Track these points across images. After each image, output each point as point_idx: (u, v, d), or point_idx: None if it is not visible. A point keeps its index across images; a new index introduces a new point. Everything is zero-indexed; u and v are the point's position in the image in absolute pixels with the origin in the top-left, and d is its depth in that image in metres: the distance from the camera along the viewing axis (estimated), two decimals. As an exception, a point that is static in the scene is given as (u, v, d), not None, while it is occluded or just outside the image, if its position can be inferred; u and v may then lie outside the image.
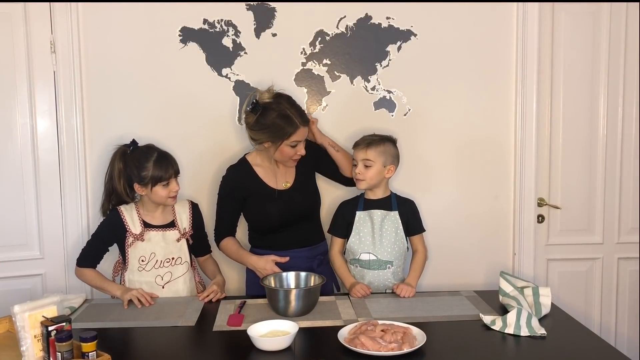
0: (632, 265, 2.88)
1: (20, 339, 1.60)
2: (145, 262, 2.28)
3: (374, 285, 2.35)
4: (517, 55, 2.69)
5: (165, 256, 2.30)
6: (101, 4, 2.53)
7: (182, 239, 2.33)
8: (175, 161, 2.30)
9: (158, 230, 2.30)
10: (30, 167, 2.54)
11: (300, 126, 2.27)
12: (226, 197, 2.41)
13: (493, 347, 1.79)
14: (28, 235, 2.57)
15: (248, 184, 2.39)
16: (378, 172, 2.33)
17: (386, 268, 2.34)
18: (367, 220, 2.37)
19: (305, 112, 2.36)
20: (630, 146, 2.82)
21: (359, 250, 2.35)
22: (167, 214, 2.35)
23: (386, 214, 2.37)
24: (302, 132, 2.29)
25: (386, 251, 2.34)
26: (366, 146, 2.32)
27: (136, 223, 2.29)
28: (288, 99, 2.31)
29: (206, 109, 2.62)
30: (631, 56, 2.77)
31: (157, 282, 2.28)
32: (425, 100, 2.70)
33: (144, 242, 2.28)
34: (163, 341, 1.88)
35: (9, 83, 2.49)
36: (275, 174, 2.40)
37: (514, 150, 2.75)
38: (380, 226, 2.35)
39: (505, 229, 2.80)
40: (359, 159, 2.34)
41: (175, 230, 2.33)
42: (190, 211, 2.38)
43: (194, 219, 2.38)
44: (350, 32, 2.64)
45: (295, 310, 2.00)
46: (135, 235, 2.28)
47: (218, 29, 2.59)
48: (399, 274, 2.39)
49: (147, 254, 2.28)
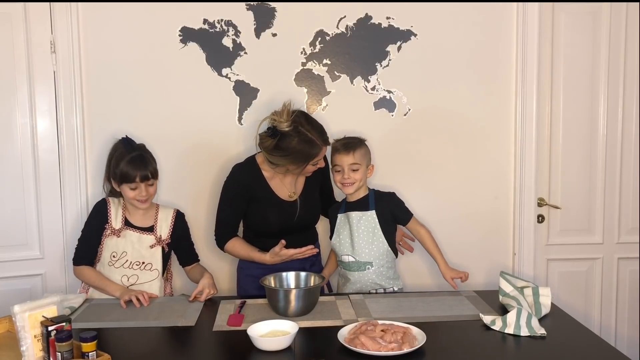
0: (632, 265, 2.88)
1: (20, 339, 1.60)
2: (115, 258, 2.27)
3: (358, 286, 2.35)
4: (517, 55, 2.69)
5: (136, 258, 2.27)
6: (101, 4, 2.53)
7: (156, 246, 2.30)
8: (151, 165, 2.25)
9: (135, 231, 2.29)
10: (30, 167, 2.54)
11: (323, 147, 2.24)
12: (232, 197, 2.34)
13: (493, 347, 1.79)
14: (28, 235, 2.57)
15: (255, 186, 2.33)
16: (364, 174, 2.34)
17: (366, 269, 2.33)
18: (345, 223, 2.37)
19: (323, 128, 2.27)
20: (630, 146, 2.83)
21: (340, 252, 2.37)
22: (149, 218, 2.33)
23: (362, 215, 2.34)
24: (325, 150, 2.27)
25: (364, 252, 2.32)
26: (352, 150, 2.30)
27: (118, 218, 2.30)
28: (307, 119, 2.23)
29: (206, 109, 2.62)
30: (631, 56, 2.77)
31: (123, 281, 2.26)
32: (425, 100, 2.70)
33: (119, 238, 2.27)
34: (163, 341, 1.88)
35: (9, 83, 2.49)
36: (283, 182, 2.36)
37: (514, 150, 2.75)
38: (357, 227, 2.34)
39: (505, 229, 2.80)
40: (344, 164, 2.30)
41: (152, 235, 2.31)
42: (173, 220, 2.35)
43: (174, 229, 2.35)
44: (350, 32, 2.64)
45: (295, 310, 2.00)
46: (114, 229, 2.28)
47: (218, 29, 2.59)
48: (384, 273, 2.35)
49: (119, 250, 2.27)
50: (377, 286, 2.35)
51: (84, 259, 2.30)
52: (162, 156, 2.57)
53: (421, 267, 2.68)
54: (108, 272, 2.28)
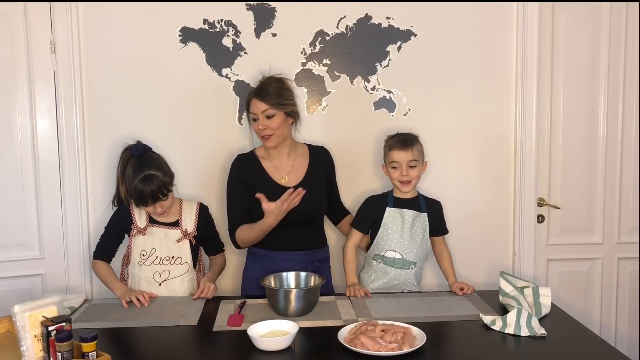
0: (632, 265, 2.88)
1: (20, 339, 1.60)
2: (145, 256, 2.29)
3: (395, 284, 2.35)
4: (517, 55, 2.69)
5: (165, 254, 2.30)
6: (101, 4, 2.53)
7: (183, 240, 2.33)
8: (162, 183, 2.21)
9: (161, 227, 2.32)
10: (30, 167, 2.54)
11: (253, 97, 2.30)
12: (234, 188, 2.37)
13: (493, 347, 1.79)
14: (28, 235, 2.57)
15: (251, 172, 2.36)
16: (420, 171, 2.37)
17: (409, 268, 2.33)
18: (397, 218, 2.36)
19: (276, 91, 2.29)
20: (630, 146, 2.83)
21: (385, 247, 2.34)
22: (173, 213, 2.35)
23: (417, 215, 2.37)
24: (254, 103, 2.29)
25: (412, 252, 2.33)
26: (411, 146, 2.33)
27: (142, 217, 2.32)
28: (269, 78, 2.37)
29: (206, 109, 2.62)
30: (631, 56, 2.77)
31: (155, 278, 2.29)
32: (425, 100, 2.70)
33: (145, 236, 2.30)
34: (163, 341, 1.88)
35: (9, 83, 2.49)
36: (278, 166, 2.37)
37: (514, 150, 2.75)
38: (411, 226, 2.34)
39: (505, 229, 2.80)
40: (403, 161, 2.32)
41: (178, 230, 2.33)
42: (197, 213, 2.38)
43: (199, 221, 2.37)
44: (350, 32, 2.64)
45: (295, 310, 2.00)
46: (139, 228, 2.30)
47: (218, 29, 2.59)
48: (419, 275, 2.39)
49: (147, 248, 2.29)
50: (408, 287, 2.35)
51: (102, 255, 2.35)
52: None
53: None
54: (139, 271, 2.30)
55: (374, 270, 2.38)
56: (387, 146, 2.41)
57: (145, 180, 2.20)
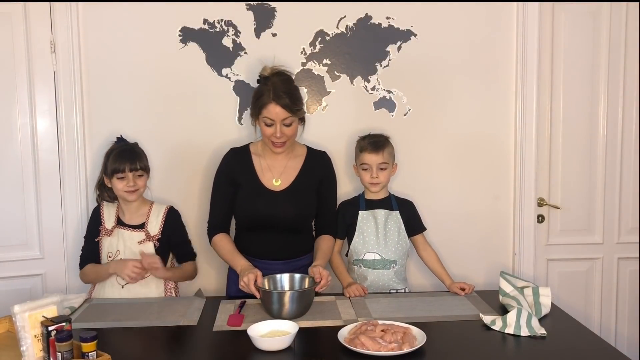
0: (632, 265, 2.88)
1: (20, 339, 1.60)
2: (111, 258, 2.29)
3: (377, 285, 2.35)
4: (517, 55, 2.69)
5: (129, 256, 2.28)
6: (101, 4, 2.53)
7: (145, 242, 2.30)
8: (140, 157, 2.29)
9: (126, 229, 2.31)
10: (30, 166, 2.54)
11: (272, 102, 2.15)
12: (219, 184, 2.33)
13: (493, 347, 1.79)
14: (28, 235, 2.57)
15: (240, 169, 2.31)
16: (389, 173, 2.40)
17: (390, 267, 2.35)
18: (370, 220, 2.38)
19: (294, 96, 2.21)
20: (630, 146, 2.83)
21: (364, 250, 2.36)
22: (141, 216, 2.34)
23: (389, 214, 2.39)
24: (273, 108, 2.16)
25: (390, 250, 2.34)
26: (381, 149, 2.35)
27: (111, 219, 2.33)
28: (280, 76, 2.23)
29: (206, 109, 2.62)
30: (631, 56, 2.77)
31: (118, 281, 2.28)
32: (425, 100, 2.70)
33: (110, 238, 2.30)
34: (163, 341, 1.88)
35: (9, 83, 2.49)
36: (270, 168, 2.31)
37: (514, 150, 2.75)
38: (384, 225, 2.37)
39: (505, 229, 2.80)
40: (373, 164, 2.35)
41: (142, 232, 2.32)
42: (164, 217, 2.35)
43: (165, 225, 2.34)
44: (350, 32, 2.64)
45: (289, 313, 1.97)
46: (106, 230, 2.31)
47: (218, 29, 2.59)
48: (402, 273, 2.40)
49: (113, 249, 2.30)
50: (393, 286, 2.36)
51: (88, 260, 2.34)
52: (161, 156, 2.58)
53: (421, 267, 2.68)
54: None
55: (357, 276, 2.38)
56: (358, 147, 2.42)
57: (126, 150, 2.30)
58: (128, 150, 2.29)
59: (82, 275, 2.36)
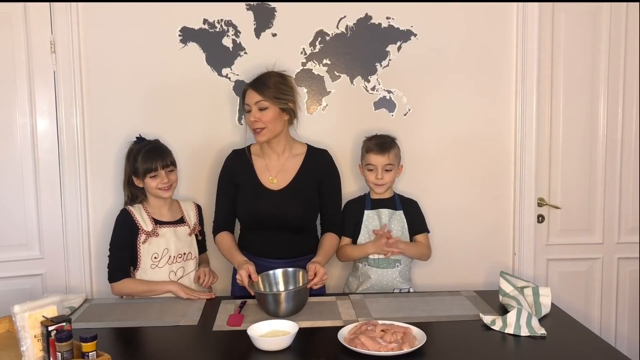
0: (632, 265, 2.88)
1: (20, 339, 1.60)
2: (158, 258, 2.28)
3: (381, 284, 2.36)
4: (517, 55, 2.69)
5: (178, 251, 2.30)
6: (101, 4, 2.53)
7: (192, 235, 2.36)
8: (168, 153, 2.31)
9: (169, 227, 2.32)
10: (30, 166, 2.54)
11: (248, 87, 2.28)
12: (223, 185, 2.39)
13: (493, 347, 1.79)
14: (28, 235, 2.57)
15: (240, 169, 2.36)
16: (395, 174, 2.41)
17: (395, 267, 2.35)
18: (375, 219, 2.39)
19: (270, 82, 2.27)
20: (630, 146, 2.83)
21: None
22: (175, 211, 2.37)
23: (393, 213, 2.41)
24: (248, 93, 2.27)
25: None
26: (387, 151, 2.36)
27: (146, 221, 2.30)
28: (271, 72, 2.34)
29: (206, 109, 2.62)
30: (631, 56, 2.77)
31: (171, 277, 2.28)
32: (425, 100, 2.70)
33: (157, 238, 2.28)
34: (163, 341, 1.88)
35: (9, 83, 2.49)
36: (268, 166, 2.35)
37: (514, 150, 2.75)
38: (388, 224, 2.38)
39: (505, 229, 2.80)
40: (379, 165, 2.36)
41: (186, 226, 2.35)
42: (196, 210, 2.43)
43: (199, 218, 2.43)
44: (350, 32, 2.64)
45: (286, 311, 1.98)
46: (148, 232, 2.28)
47: (218, 29, 2.59)
48: (406, 273, 2.40)
49: (160, 250, 2.28)
50: (397, 286, 2.36)
51: (122, 272, 2.28)
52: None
53: (421, 267, 2.68)
54: (152, 275, 2.27)
55: (361, 274, 2.40)
56: (364, 148, 2.44)
57: (153, 147, 2.29)
58: (156, 148, 2.30)
59: (119, 289, 2.27)
